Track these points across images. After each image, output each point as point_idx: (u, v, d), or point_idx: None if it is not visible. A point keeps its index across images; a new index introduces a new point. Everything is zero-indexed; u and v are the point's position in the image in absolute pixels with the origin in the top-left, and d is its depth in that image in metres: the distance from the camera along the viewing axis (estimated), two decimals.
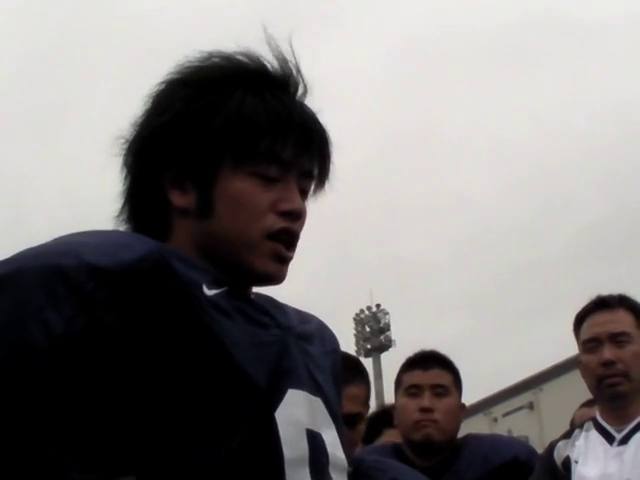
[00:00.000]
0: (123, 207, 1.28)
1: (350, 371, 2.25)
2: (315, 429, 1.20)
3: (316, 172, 1.29)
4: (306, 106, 1.29)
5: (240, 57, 1.29)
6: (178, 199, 1.23)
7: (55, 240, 1.11)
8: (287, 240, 1.24)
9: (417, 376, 2.93)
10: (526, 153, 63.74)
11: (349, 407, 2.16)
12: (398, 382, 3.02)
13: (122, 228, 1.28)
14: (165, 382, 1.04)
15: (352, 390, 2.23)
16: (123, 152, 1.28)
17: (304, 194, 1.28)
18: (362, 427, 2.31)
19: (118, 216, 1.29)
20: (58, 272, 1.02)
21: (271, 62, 1.29)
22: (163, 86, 1.28)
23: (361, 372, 2.38)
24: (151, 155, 1.24)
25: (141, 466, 1.01)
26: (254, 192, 1.21)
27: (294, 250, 1.26)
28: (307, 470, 1.15)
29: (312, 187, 1.30)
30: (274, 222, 1.22)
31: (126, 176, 1.28)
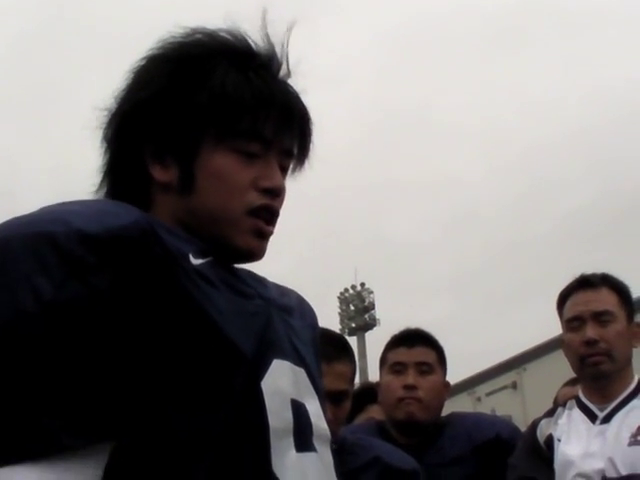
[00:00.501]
0: (102, 181, 1.29)
1: (336, 349, 2.25)
2: (299, 399, 1.21)
3: (296, 150, 1.31)
4: (289, 85, 1.30)
5: (224, 34, 1.29)
6: (159, 174, 1.24)
7: (41, 209, 1.10)
8: (267, 217, 1.25)
9: (401, 354, 2.93)
10: (516, 136, 64.60)
11: (335, 384, 2.16)
12: (383, 360, 3.02)
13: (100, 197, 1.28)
14: (153, 348, 1.04)
15: (338, 367, 2.23)
16: (103, 126, 1.28)
17: (284, 172, 1.30)
18: (347, 404, 2.31)
19: (97, 190, 1.29)
20: (47, 238, 1.02)
21: (256, 41, 1.30)
22: (145, 61, 1.28)
23: (347, 350, 2.38)
24: (132, 129, 1.24)
25: (127, 432, 1.02)
26: (235, 168, 1.23)
27: (274, 226, 1.27)
28: (291, 440, 1.17)
29: (291, 165, 1.31)
30: (255, 199, 1.23)
31: (106, 150, 1.28)
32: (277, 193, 1.26)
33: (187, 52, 1.26)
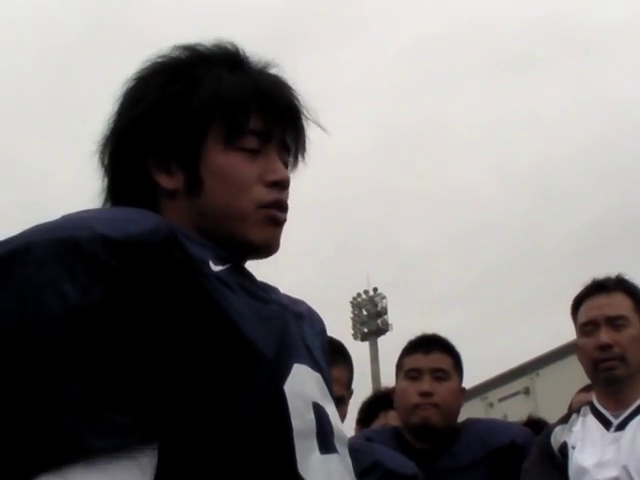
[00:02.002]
0: (105, 202, 1.30)
1: (333, 354, 2.24)
2: (320, 402, 1.22)
3: (293, 145, 1.33)
4: (280, 78, 1.33)
5: (209, 45, 1.32)
6: (166, 182, 1.25)
7: (64, 216, 1.11)
8: (279, 207, 1.27)
9: (418, 360, 2.93)
10: (526, 151, 65.61)
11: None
12: (399, 365, 3.02)
13: None
14: (177, 351, 1.04)
15: (335, 373, 2.22)
16: (99, 150, 1.29)
17: (284, 165, 1.31)
18: (344, 410, 2.30)
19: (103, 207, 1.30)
20: (71, 244, 1.02)
21: (241, 47, 1.33)
22: (134, 82, 1.30)
23: (344, 355, 2.37)
24: (132, 145, 1.26)
25: (154, 434, 1.01)
26: (239, 165, 1.25)
27: (286, 213, 1.29)
28: (315, 442, 1.17)
29: (290, 159, 1.33)
30: (264, 194, 1.25)
31: (105, 172, 1.29)
32: (284, 185, 1.28)
33: (176, 63, 1.29)
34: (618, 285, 2.72)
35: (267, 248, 1.28)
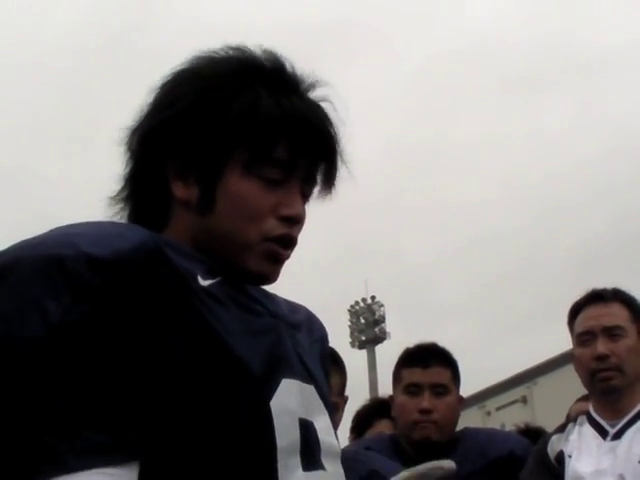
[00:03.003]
0: (123, 189, 1.28)
1: None
2: (307, 418, 1.20)
3: (322, 177, 1.28)
4: (321, 109, 1.27)
5: (256, 54, 1.28)
6: (180, 191, 1.22)
7: (51, 231, 1.11)
8: (284, 244, 1.23)
9: (416, 374, 2.90)
10: (530, 167, 66.43)
11: None
12: (396, 376, 2.99)
13: (117, 209, 1.28)
14: (160, 368, 1.04)
15: None
16: (128, 136, 1.27)
17: (305, 197, 1.28)
18: (338, 417, 2.29)
19: (115, 197, 1.28)
20: (56, 262, 1.02)
21: (287, 63, 1.28)
22: (173, 77, 1.27)
23: (336, 361, 2.36)
24: (158, 144, 1.23)
25: (137, 452, 1.01)
26: (257, 194, 1.21)
27: (291, 251, 1.25)
28: (298, 459, 1.15)
29: (313, 192, 1.29)
30: (274, 227, 1.22)
31: (129, 160, 1.27)
32: (297, 221, 1.24)
33: (216, 69, 1.25)
34: (615, 295, 2.73)
35: (263, 280, 1.26)
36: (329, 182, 1.29)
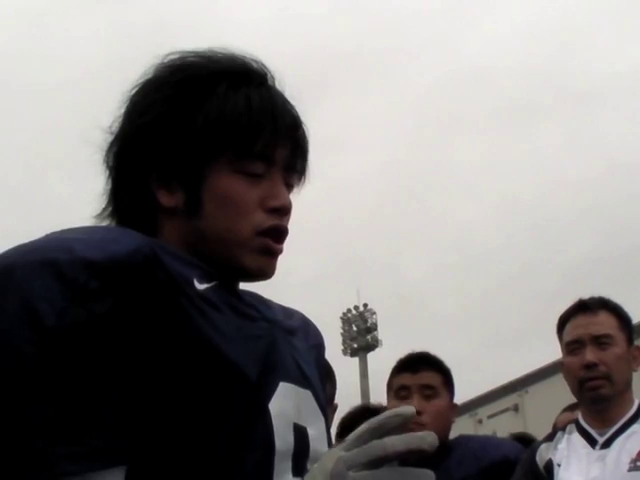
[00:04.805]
0: (107, 206, 1.27)
1: None
2: (301, 423, 1.20)
3: (300, 166, 1.29)
4: (286, 100, 1.29)
5: (220, 56, 1.28)
6: (165, 199, 1.22)
7: (46, 236, 1.10)
8: (276, 236, 1.24)
9: (406, 378, 2.92)
10: (525, 190, 68.48)
11: None
12: (389, 385, 3.01)
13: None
14: (156, 374, 1.04)
15: None
16: (105, 152, 1.26)
17: (289, 187, 1.28)
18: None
19: (100, 215, 1.27)
20: (51, 266, 1.02)
21: (249, 61, 1.29)
22: (143, 85, 1.27)
23: (327, 371, 2.36)
24: (135, 155, 1.23)
25: (132, 456, 1.01)
26: (241, 189, 1.21)
27: (283, 244, 1.25)
28: (290, 464, 1.15)
29: (297, 180, 1.30)
30: (263, 220, 1.22)
31: (109, 175, 1.26)
32: (285, 211, 1.24)
33: (184, 75, 1.25)
34: (602, 304, 2.73)
35: (261, 275, 1.25)
36: (303, 169, 1.30)
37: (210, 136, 1.20)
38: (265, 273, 1.25)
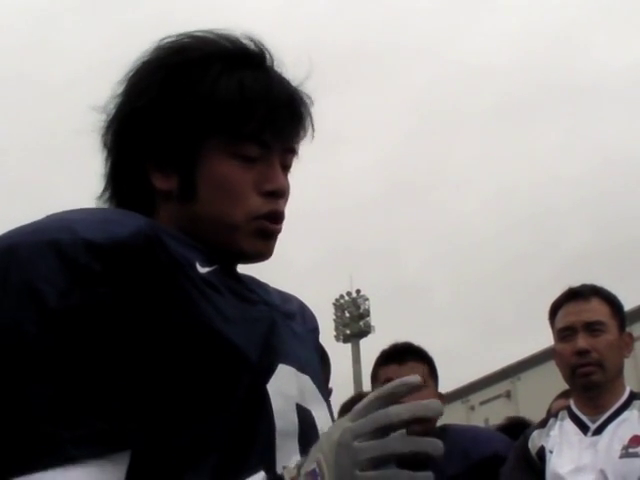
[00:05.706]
0: (105, 189, 1.27)
1: None
2: (304, 404, 1.20)
3: (297, 147, 1.28)
4: (285, 81, 1.27)
5: (215, 37, 1.27)
6: (161, 183, 1.22)
7: (48, 217, 1.10)
8: (273, 219, 1.23)
9: (392, 371, 2.91)
10: (521, 191, 69.76)
11: None
12: (374, 377, 3.01)
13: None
14: (157, 355, 1.03)
15: None
16: (102, 132, 1.26)
17: (286, 169, 1.27)
18: None
19: (100, 197, 1.27)
20: (53, 246, 1.02)
21: (248, 42, 1.27)
22: (138, 67, 1.26)
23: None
24: (130, 139, 1.23)
25: (135, 439, 1.00)
26: (236, 173, 1.20)
27: (281, 225, 1.25)
28: (296, 444, 1.15)
29: (294, 160, 1.28)
30: (260, 205, 1.21)
31: (107, 157, 1.26)
32: (280, 194, 1.23)
33: (178, 58, 1.24)
34: (595, 292, 2.73)
35: (259, 257, 1.25)
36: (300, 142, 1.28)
37: (201, 118, 1.19)
38: (263, 255, 1.25)
